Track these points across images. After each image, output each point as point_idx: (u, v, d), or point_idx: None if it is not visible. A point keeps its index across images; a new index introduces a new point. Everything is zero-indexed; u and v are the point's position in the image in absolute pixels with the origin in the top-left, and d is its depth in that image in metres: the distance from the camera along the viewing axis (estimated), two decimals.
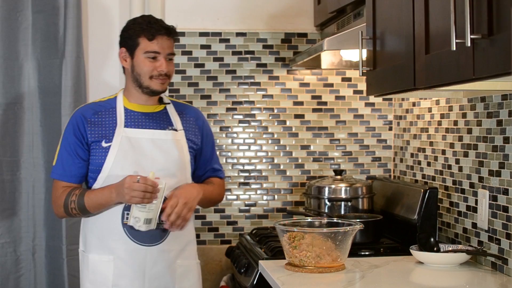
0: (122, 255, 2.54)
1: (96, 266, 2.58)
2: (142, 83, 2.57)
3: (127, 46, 2.58)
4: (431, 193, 2.85)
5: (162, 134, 2.60)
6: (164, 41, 2.55)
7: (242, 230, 3.47)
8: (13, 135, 3.31)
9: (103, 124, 2.58)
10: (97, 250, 2.58)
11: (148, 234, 2.53)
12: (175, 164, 2.60)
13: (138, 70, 2.56)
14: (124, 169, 2.51)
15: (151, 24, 2.55)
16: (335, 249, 2.44)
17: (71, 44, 3.31)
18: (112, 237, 2.55)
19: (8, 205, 3.31)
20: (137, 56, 2.56)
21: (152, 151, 2.56)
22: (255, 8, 3.50)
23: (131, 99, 2.63)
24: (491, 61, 1.65)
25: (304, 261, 2.43)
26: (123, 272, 2.55)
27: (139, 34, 2.55)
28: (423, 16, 2.05)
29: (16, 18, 3.30)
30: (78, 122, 2.58)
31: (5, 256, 3.30)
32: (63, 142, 2.61)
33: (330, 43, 2.79)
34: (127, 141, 2.55)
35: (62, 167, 2.59)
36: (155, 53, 2.54)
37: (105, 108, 2.61)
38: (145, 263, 2.55)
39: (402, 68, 2.21)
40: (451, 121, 2.81)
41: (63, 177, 2.60)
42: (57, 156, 2.62)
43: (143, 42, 2.54)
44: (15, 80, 3.31)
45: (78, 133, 2.58)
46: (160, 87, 2.58)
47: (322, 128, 3.54)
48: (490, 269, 2.48)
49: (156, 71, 2.55)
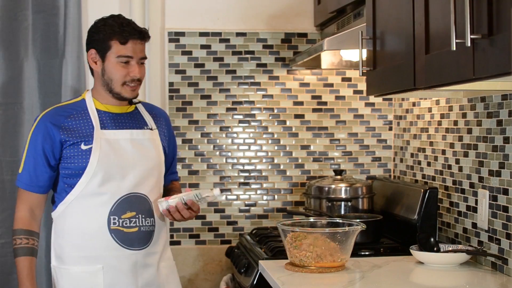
0: (112, 263, 2.45)
1: (81, 279, 2.46)
2: (112, 89, 2.48)
3: (97, 48, 2.48)
4: (431, 193, 2.85)
5: (140, 133, 2.54)
6: (137, 45, 2.46)
7: (242, 230, 3.47)
8: (13, 135, 3.31)
9: (79, 127, 2.47)
10: (80, 261, 2.46)
11: (137, 237, 2.47)
12: (154, 163, 2.54)
13: (110, 75, 2.46)
14: (107, 172, 2.44)
15: (123, 27, 2.44)
16: (337, 250, 2.44)
17: (71, 44, 3.31)
18: (98, 244, 2.44)
19: (8, 205, 3.31)
20: (109, 59, 2.45)
21: (132, 152, 2.49)
22: (255, 8, 3.50)
23: (102, 100, 2.52)
24: (491, 61, 1.65)
25: (304, 261, 2.44)
26: (115, 281, 2.45)
27: (111, 37, 2.44)
28: (423, 16, 2.05)
29: (16, 18, 3.30)
30: (47, 129, 2.46)
31: (5, 256, 3.30)
32: (31, 150, 2.47)
33: (330, 43, 2.79)
34: (106, 142, 2.47)
35: (29, 177, 2.48)
36: (127, 57, 2.44)
37: (76, 111, 2.50)
38: (135, 268, 2.48)
39: (402, 68, 2.21)
40: (451, 121, 2.81)
41: (30, 187, 2.48)
42: (23, 164, 2.49)
43: (115, 46, 2.44)
44: (15, 80, 3.31)
45: (49, 140, 2.45)
46: (131, 94, 2.49)
47: (322, 128, 3.54)
48: (490, 269, 2.48)
49: (129, 76, 2.45)
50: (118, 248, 2.45)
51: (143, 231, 2.49)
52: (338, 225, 2.62)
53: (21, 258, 2.45)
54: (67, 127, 2.46)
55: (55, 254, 2.53)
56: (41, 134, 2.46)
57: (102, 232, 2.45)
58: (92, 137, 2.45)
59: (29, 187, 2.49)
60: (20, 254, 2.46)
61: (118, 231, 2.45)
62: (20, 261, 2.46)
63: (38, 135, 2.47)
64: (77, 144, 2.45)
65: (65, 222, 2.49)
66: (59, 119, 2.47)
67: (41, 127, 2.47)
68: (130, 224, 2.46)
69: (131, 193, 2.48)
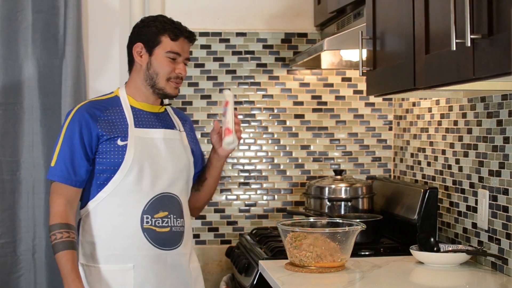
0: (142, 262, 2.42)
1: (111, 277, 2.43)
2: (156, 83, 2.48)
3: (145, 42, 2.48)
4: (431, 193, 2.85)
5: (171, 133, 2.54)
6: (186, 44, 2.50)
7: (242, 230, 3.47)
8: (13, 135, 3.31)
9: (115, 122, 2.45)
10: (110, 260, 2.43)
11: (168, 237, 2.46)
12: (184, 164, 2.54)
13: (157, 69, 2.47)
14: (142, 170, 2.43)
15: (175, 25, 2.48)
16: (337, 250, 2.44)
17: (71, 44, 3.31)
18: (131, 243, 2.42)
19: (8, 205, 3.31)
20: (157, 54, 2.47)
21: (166, 151, 2.49)
22: (255, 8, 3.50)
23: (138, 97, 2.52)
24: (491, 61, 1.65)
25: (304, 261, 2.44)
26: (145, 280, 2.43)
27: (162, 32, 2.46)
28: (423, 16, 2.05)
29: (16, 18, 3.30)
30: (86, 121, 2.43)
31: (5, 256, 3.30)
32: (66, 142, 2.42)
33: (330, 43, 2.79)
34: (141, 140, 2.46)
35: (66, 169, 2.41)
36: (176, 54, 2.47)
37: (111, 106, 2.49)
38: (165, 268, 2.46)
39: (402, 68, 2.21)
40: (451, 121, 2.81)
41: (67, 180, 2.41)
42: (57, 156, 2.43)
43: (166, 41, 2.46)
44: (15, 80, 3.31)
45: (86, 132, 2.42)
46: (173, 91, 2.51)
47: (322, 128, 3.54)
48: (490, 269, 2.48)
49: (174, 72, 2.47)
50: (150, 247, 2.43)
51: (174, 232, 2.48)
52: (338, 225, 2.62)
53: (63, 252, 2.36)
54: (104, 120, 2.45)
55: (84, 252, 2.47)
56: (78, 125, 2.43)
57: (135, 230, 2.42)
58: (127, 134, 2.44)
59: (66, 180, 2.42)
60: (60, 249, 2.37)
61: (150, 230, 2.43)
62: (61, 256, 2.37)
63: (75, 126, 2.43)
64: (113, 139, 2.43)
65: (96, 220, 2.45)
66: (96, 112, 2.46)
67: (78, 118, 2.44)
68: (162, 224, 2.45)
69: (164, 193, 2.47)
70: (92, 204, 2.46)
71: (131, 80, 2.55)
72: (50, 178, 2.45)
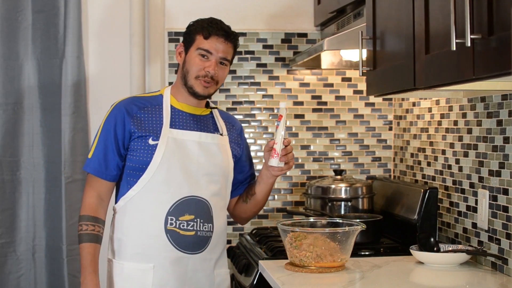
0: (163, 263, 2.42)
1: (132, 275, 2.43)
2: (187, 81, 2.47)
3: (184, 41, 2.52)
4: (431, 193, 2.85)
5: (208, 137, 2.51)
6: (220, 43, 2.45)
7: (242, 230, 3.47)
8: (13, 135, 3.31)
9: (150, 121, 2.46)
10: (133, 258, 2.43)
11: (192, 241, 2.44)
12: (220, 169, 2.51)
13: (188, 66, 2.47)
14: (170, 171, 2.42)
15: (211, 24, 2.47)
16: (337, 250, 2.44)
17: (71, 44, 3.31)
18: (153, 244, 2.41)
19: (8, 205, 3.31)
20: (190, 52, 2.47)
21: (198, 155, 2.47)
22: (255, 8, 3.50)
23: (179, 98, 2.52)
24: (491, 61, 1.65)
25: (304, 261, 2.44)
26: (163, 281, 2.42)
27: (197, 31, 2.47)
28: (423, 16, 2.05)
29: (16, 18, 3.30)
30: (122, 116, 2.45)
31: (5, 256, 3.30)
32: (103, 135, 2.45)
33: (330, 43, 2.79)
34: (173, 142, 2.44)
35: (98, 162, 2.45)
36: (206, 51, 2.44)
37: (150, 104, 2.49)
38: (186, 272, 2.44)
39: (402, 68, 2.21)
40: (451, 121, 2.81)
41: (99, 173, 2.45)
42: (94, 149, 2.46)
43: (199, 39, 2.46)
44: (15, 80, 3.31)
45: (121, 127, 2.44)
46: (202, 90, 2.46)
47: (322, 128, 3.54)
48: (490, 269, 2.48)
49: (203, 70, 2.44)
50: (171, 249, 2.42)
51: (200, 236, 2.46)
52: (338, 225, 2.62)
53: (85, 244, 2.40)
54: (138, 118, 2.45)
55: (112, 248, 2.49)
56: (114, 120, 2.45)
57: (158, 231, 2.41)
58: (160, 133, 2.44)
59: (98, 173, 2.45)
60: (84, 240, 2.41)
61: (174, 232, 2.42)
62: (84, 247, 2.40)
63: (111, 121, 2.46)
64: (144, 137, 2.43)
65: (124, 217, 2.46)
66: (133, 109, 2.47)
67: (116, 113, 2.46)
68: (187, 227, 2.43)
69: (192, 196, 2.44)
70: (122, 201, 2.47)
71: (176, 80, 2.56)
72: (85, 170, 2.49)
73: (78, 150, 3.34)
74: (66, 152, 3.31)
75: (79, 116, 3.33)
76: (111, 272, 2.48)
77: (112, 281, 2.47)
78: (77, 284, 3.35)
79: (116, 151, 2.44)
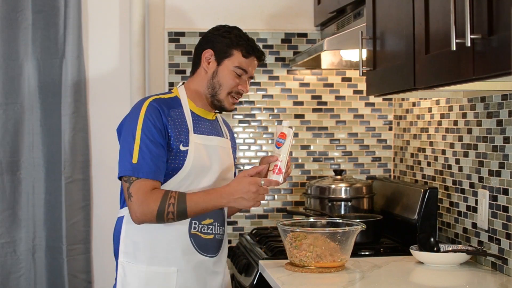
0: (186, 267, 2.40)
1: (153, 279, 2.38)
2: (217, 94, 2.43)
3: (216, 50, 2.43)
4: (431, 193, 2.85)
5: (224, 141, 2.52)
6: (255, 63, 2.46)
7: (242, 230, 3.47)
8: (13, 135, 3.31)
9: (179, 124, 2.39)
10: (154, 261, 2.38)
11: (211, 244, 2.45)
12: (231, 173, 2.54)
13: (221, 80, 2.42)
14: (198, 176, 2.39)
15: (249, 41, 2.44)
16: (337, 250, 2.44)
17: (71, 44, 3.31)
18: (175, 247, 2.38)
19: (8, 205, 3.31)
20: (225, 65, 2.42)
21: (218, 159, 2.46)
22: (255, 8, 3.50)
23: (198, 102, 2.47)
24: (491, 61, 1.65)
25: (304, 261, 2.44)
26: (187, 285, 2.41)
27: (236, 46, 2.42)
28: (423, 16, 2.05)
29: (16, 18, 3.30)
30: (159, 115, 2.35)
31: (5, 256, 3.30)
32: (146, 135, 2.32)
33: (330, 43, 2.79)
34: (200, 147, 2.41)
35: (148, 164, 2.30)
36: (243, 71, 2.43)
37: (174, 107, 2.42)
38: (207, 274, 2.45)
39: (402, 68, 2.21)
40: (451, 121, 2.81)
41: (153, 175, 2.30)
42: (138, 152, 2.30)
43: (237, 56, 2.42)
44: (15, 80, 3.31)
45: (160, 125, 2.34)
46: (230, 107, 2.46)
47: (322, 128, 3.54)
48: (490, 269, 2.48)
49: (236, 88, 2.43)
50: (194, 252, 2.42)
51: (217, 239, 2.48)
52: (338, 225, 2.62)
53: (188, 204, 2.29)
54: (172, 118, 2.39)
55: (126, 250, 2.40)
56: (151, 117, 2.34)
57: (182, 235, 2.39)
58: (188, 139, 2.39)
59: (152, 175, 2.31)
60: (182, 200, 2.30)
61: (196, 236, 2.42)
62: (190, 206, 2.30)
63: (149, 118, 2.34)
64: (176, 142, 2.36)
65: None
66: (164, 109, 2.38)
67: (151, 111, 2.35)
68: (207, 231, 2.44)
69: None
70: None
71: (193, 83, 2.49)
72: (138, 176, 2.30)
73: (78, 150, 3.34)
74: (66, 152, 3.31)
75: (79, 116, 3.33)
76: (124, 276, 2.41)
77: (126, 285, 2.40)
78: (77, 284, 3.35)
79: (164, 147, 2.34)
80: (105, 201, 3.44)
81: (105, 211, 3.43)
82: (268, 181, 2.33)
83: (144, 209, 2.30)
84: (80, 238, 3.35)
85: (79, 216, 3.35)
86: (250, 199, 2.30)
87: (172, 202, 2.29)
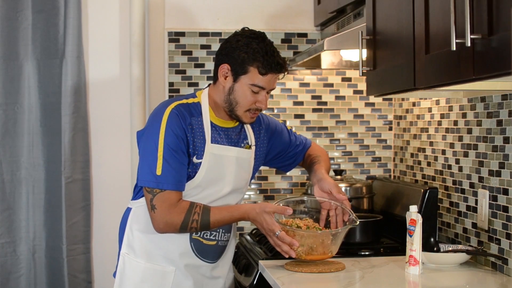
0: (182, 269, 2.43)
1: (150, 276, 2.41)
2: (234, 110, 2.38)
3: (233, 66, 2.35)
4: (431, 193, 2.85)
5: (243, 152, 2.47)
6: (274, 78, 2.36)
7: (242, 230, 3.47)
8: (13, 135, 3.31)
9: (197, 134, 2.36)
10: (153, 259, 2.42)
11: (212, 250, 2.46)
12: (245, 183, 2.53)
13: (238, 98, 2.36)
14: (207, 185, 2.39)
15: (267, 56, 2.32)
16: (328, 244, 2.44)
17: (71, 44, 3.31)
18: (175, 249, 2.41)
19: (8, 205, 3.31)
20: (241, 82, 2.35)
21: (233, 170, 2.44)
22: (255, 8, 3.50)
23: (217, 113, 2.43)
24: (491, 61, 1.65)
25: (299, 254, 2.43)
26: (182, 285, 2.44)
27: (252, 63, 2.33)
28: (423, 16, 2.05)
29: (16, 18, 3.30)
30: (180, 121, 2.33)
31: (5, 256, 3.30)
32: (168, 145, 2.30)
33: (330, 43, 2.79)
34: (213, 157, 2.39)
35: (172, 175, 2.30)
36: (261, 88, 2.35)
37: (194, 115, 2.38)
38: (203, 279, 2.48)
39: (402, 68, 2.21)
40: (451, 121, 2.81)
41: (176, 186, 2.31)
42: (162, 164, 2.29)
43: (253, 73, 2.33)
44: (15, 80, 3.31)
45: (182, 134, 2.32)
46: (249, 121, 2.42)
47: (322, 128, 3.54)
48: (490, 269, 2.48)
49: (255, 105, 2.37)
50: (192, 256, 2.44)
51: (219, 246, 2.49)
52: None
53: (212, 218, 2.33)
54: (193, 128, 2.36)
55: (129, 243, 2.44)
56: (176, 125, 2.32)
57: (183, 238, 2.42)
58: (203, 150, 2.37)
59: (177, 187, 2.33)
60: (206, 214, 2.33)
61: (197, 241, 2.43)
62: (214, 220, 2.34)
63: (173, 127, 2.32)
64: (192, 154, 2.35)
65: (147, 216, 2.40)
66: (187, 116, 2.36)
67: (175, 117, 2.33)
68: (210, 237, 2.45)
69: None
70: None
71: (213, 93, 2.44)
72: (164, 188, 2.30)
73: (78, 150, 3.34)
74: (66, 152, 3.31)
75: (79, 116, 3.33)
76: (123, 267, 2.45)
77: (124, 277, 2.44)
78: (77, 284, 3.36)
79: (185, 157, 2.33)
80: (105, 201, 3.44)
81: (105, 211, 3.43)
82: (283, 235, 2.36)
83: (167, 222, 2.32)
84: (80, 238, 3.35)
85: (79, 216, 3.35)
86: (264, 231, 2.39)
87: (195, 219, 2.32)
